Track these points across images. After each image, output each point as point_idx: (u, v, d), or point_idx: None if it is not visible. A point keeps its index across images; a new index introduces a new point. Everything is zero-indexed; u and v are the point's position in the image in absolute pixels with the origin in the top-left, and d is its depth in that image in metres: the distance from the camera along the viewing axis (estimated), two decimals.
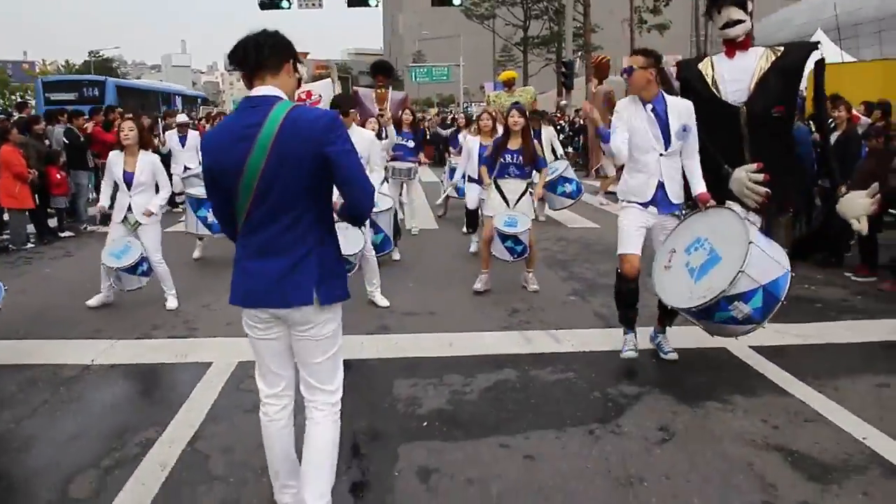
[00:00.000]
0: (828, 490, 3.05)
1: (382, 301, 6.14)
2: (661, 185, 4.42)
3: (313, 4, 22.15)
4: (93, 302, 6.14)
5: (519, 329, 5.45)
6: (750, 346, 4.74)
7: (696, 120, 4.44)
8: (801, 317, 5.43)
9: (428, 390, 4.24)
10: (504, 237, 6.29)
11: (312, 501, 2.58)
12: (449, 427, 3.73)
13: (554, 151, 10.82)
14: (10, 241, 9.37)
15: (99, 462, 3.39)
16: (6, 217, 9.75)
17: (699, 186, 4.42)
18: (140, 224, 6.03)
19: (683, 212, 4.55)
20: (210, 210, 7.04)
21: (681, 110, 4.39)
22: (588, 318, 5.74)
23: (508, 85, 11.16)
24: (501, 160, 6.39)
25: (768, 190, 4.62)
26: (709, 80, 4.85)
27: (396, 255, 8.05)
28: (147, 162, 6.00)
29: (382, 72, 10.45)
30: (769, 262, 3.96)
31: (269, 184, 2.39)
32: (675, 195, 4.47)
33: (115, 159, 5.99)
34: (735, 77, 4.76)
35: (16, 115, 13.16)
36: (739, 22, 4.72)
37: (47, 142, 10.67)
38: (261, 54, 2.46)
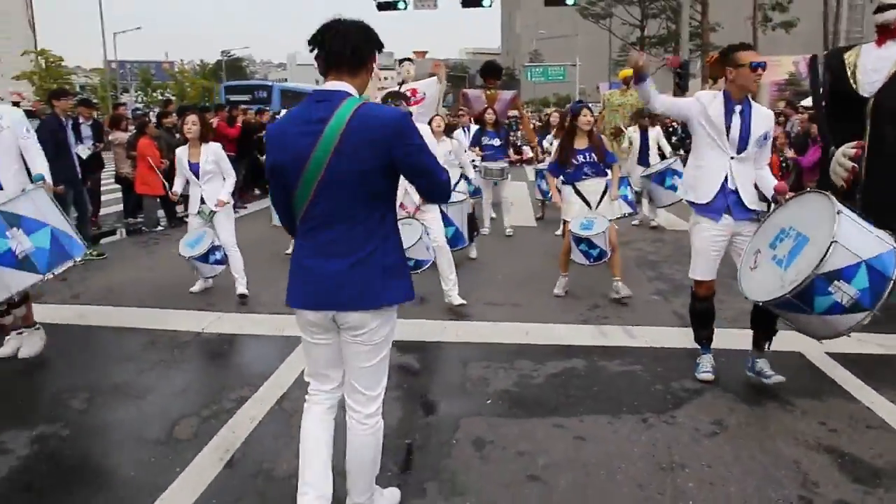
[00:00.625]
0: (872, 493, 3.07)
1: (458, 300, 5.95)
2: (734, 191, 4.12)
3: (428, 5, 22.81)
4: (195, 288, 6.56)
5: (596, 323, 5.61)
6: (826, 353, 4.69)
7: (826, 110, 4.24)
8: (890, 327, 5.24)
9: (498, 372, 4.51)
10: (578, 240, 6.14)
11: (357, 496, 2.69)
12: (510, 406, 4.00)
13: (661, 153, 10.56)
14: (143, 223, 10.43)
15: (200, 412, 3.92)
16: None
17: (773, 181, 4.16)
18: (214, 213, 6.26)
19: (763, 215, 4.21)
20: None
21: (763, 117, 4.15)
22: (667, 317, 5.81)
23: (627, 83, 11.00)
24: (574, 161, 6.21)
25: (855, 165, 4.44)
26: (849, 71, 4.63)
27: (473, 253, 7.99)
28: (209, 151, 6.19)
29: (491, 73, 10.76)
30: (868, 235, 3.59)
31: (332, 180, 2.34)
32: (751, 200, 4.17)
33: (182, 154, 6.29)
34: (877, 67, 4.51)
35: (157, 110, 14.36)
36: (892, 7, 4.38)
37: (178, 135, 11.69)
38: (352, 49, 2.42)
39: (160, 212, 10.75)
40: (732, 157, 4.12)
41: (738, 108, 4.08)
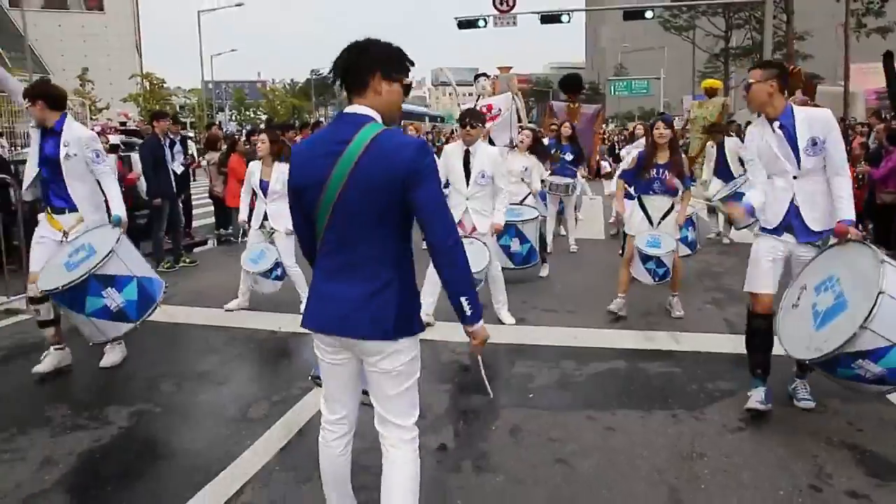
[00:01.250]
0: (885, 486, 3.23)
1: (508, 318, 6.05)
2: (796, 211, 3.99)
3: (508, 23, 23.31)
4: (231, 305, 6.56)
5: (645, 329, 5.83)
6: None
7: None
8: None
9: (542, 371, 4.83)
10: (645, 258, 6.04)
11: None
12: (549, 399, 4.32)
13: (742, 163, 10.17)
14: (232, 234, 11.26)
15: (270, 396, 4.43)
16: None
17: (843, 212, 3.83)
18: (275, 231, 6.42)
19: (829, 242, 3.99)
20: None
21: (812, 122, 3.93)
22: (717, 324, 5.96)
23: (710, 94, 10.73)
24: (647, 175, 6.08)
25: None
26: None
27: (544, 272, 7.89)
28: (281, 171, 6.25)
29: (571, 87, 10.71)
30: None
31: (348, 204, 2.32)
32: (816, 221, 3.97)
33: (254, 169, 6.49)
34: None
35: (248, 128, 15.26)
36: None
37: None
38: (346, 74, 2.42)
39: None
40: (795, 177, 3.99)
41: (775, 125, 4.01)
